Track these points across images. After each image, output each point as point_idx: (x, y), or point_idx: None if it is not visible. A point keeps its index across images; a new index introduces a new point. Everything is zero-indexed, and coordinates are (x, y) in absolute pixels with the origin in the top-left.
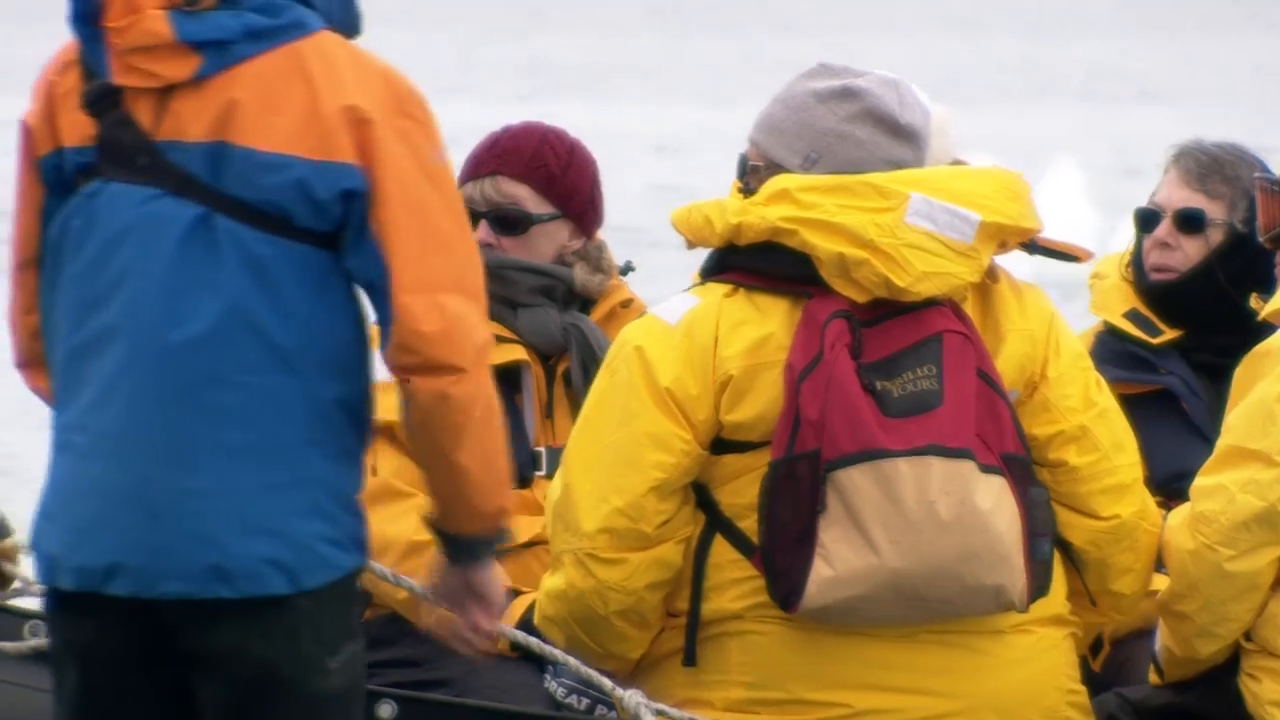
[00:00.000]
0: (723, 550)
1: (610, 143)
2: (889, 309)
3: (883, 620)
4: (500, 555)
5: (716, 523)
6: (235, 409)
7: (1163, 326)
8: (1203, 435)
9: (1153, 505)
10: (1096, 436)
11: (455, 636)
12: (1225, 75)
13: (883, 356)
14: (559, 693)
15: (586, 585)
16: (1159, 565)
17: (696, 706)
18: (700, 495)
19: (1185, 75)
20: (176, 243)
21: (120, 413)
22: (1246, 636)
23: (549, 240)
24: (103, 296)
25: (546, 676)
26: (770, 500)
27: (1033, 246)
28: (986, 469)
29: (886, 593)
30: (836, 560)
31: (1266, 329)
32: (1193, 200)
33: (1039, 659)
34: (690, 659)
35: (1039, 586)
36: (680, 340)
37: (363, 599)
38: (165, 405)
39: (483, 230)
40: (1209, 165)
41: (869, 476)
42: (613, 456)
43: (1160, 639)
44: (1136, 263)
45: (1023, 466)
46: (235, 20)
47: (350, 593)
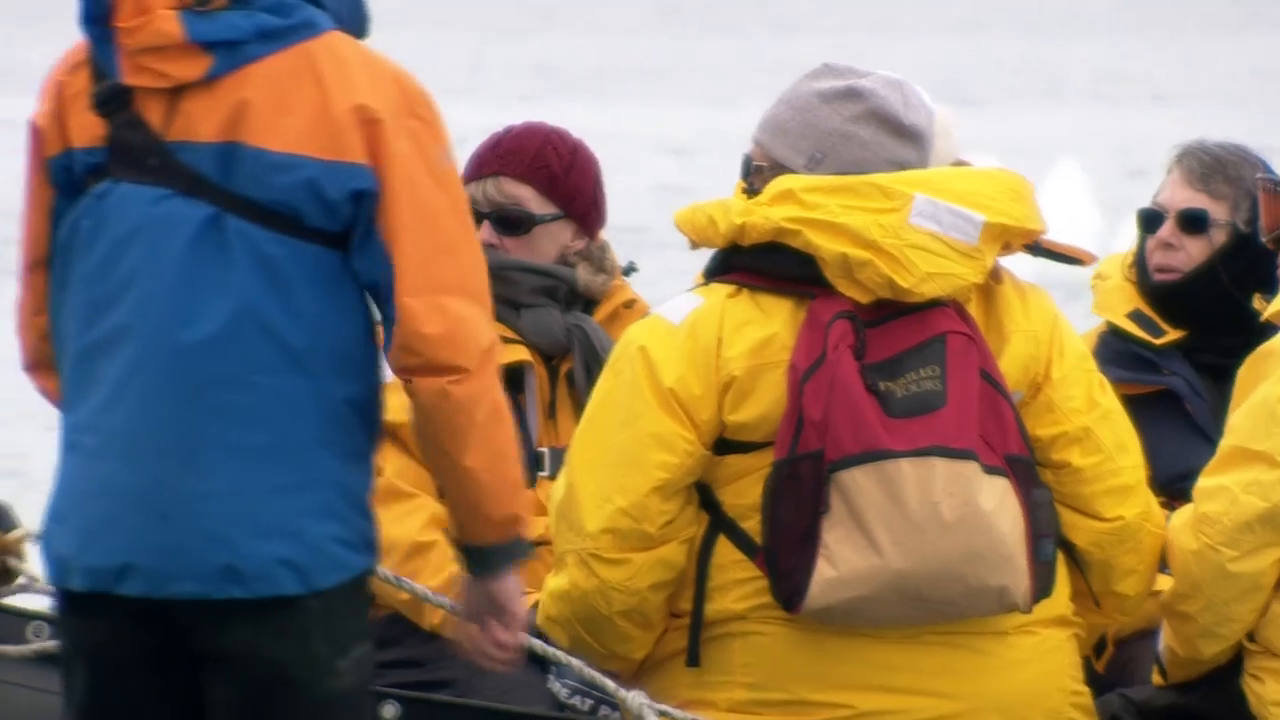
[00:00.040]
0: (726, 551)
1: (616, 144)
2: (893, 309)
3: (886, 621)
4: (520, 566)
5: (720, 523)
6: (246, 409)
7: (1166, 327)
8: (1206, 436)
9: (1156, 506)
10: (1100, 438)
11: (478, 651)
12: (1226, 76)
13: (886, 357)
14: (562, 693)
15: (590, 585)
16: (1162, 566)
17: (700, 707)
18: (704, 496)
19: (1186, 76)
20: (187, 243)
21: (131, 413)
22: (1250, 637)
23: (552, 241)
24: (113, 297)
25: (550, 677)
26: (773, 501)
27: (1037, 248)
28: (990, 470)
29: (889, 593)
30: (839, 561)
31: (1269, 330)
32: (1196, 201)
33: (1042, 660)
34: (693, 660)
35: (1042, 588)
36: (684, 340)
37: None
38: (176, 405)
39: (485, 231)
40: (1212, 166)
41: (872, 477)
42: (616, 457)
43: (1163, 639)
44: (1140, 263)
45: (1026, 467)
46: (246, 20)
47: (361, 594)
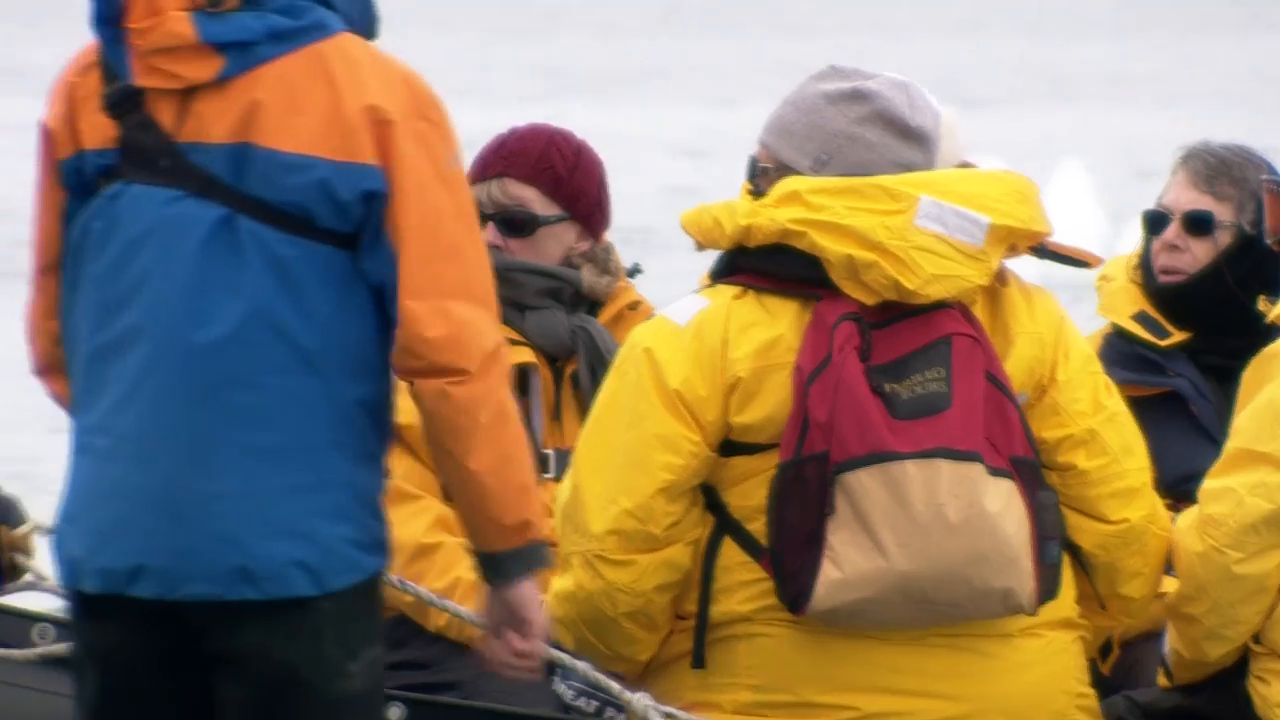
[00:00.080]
0: (731, 552)
1: (622, 145)
2: (898, 311)
3: (891, 623)
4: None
5: (725, 525)
6: (259, 410)
7: (1171, 329)
8: (1211, 437)
9: (1162, 509)
10: (1106, 440)
11: (497, 661)
12: (1230, 77)
13: (891, 359)
14: (567, 695)
15: (595, 587)
16: (1168, 568)
17: (705, 709)
18: (709, 497)
19: (1190, 77)
20: (199, 244)
21: (143, 414)
22: (1255, 639)
23: (556, 242)
24: (125, 298)
25: (555, 679)
26: (779, 502)
27: (1043, 251)
28: (995, 472)
29: (895, 595)
30: (845, 563)
31: (1274, 331)
32: (1201, 202)
33: (1048, 662)
34: (699, 661)
35: (1048, 590)
36: (689, 342)
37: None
38: (188, 406)
39: (490, 232)
40: (1217, 167)
41: (877, 479)
42: (622, 458)
43: (1169, 641)
44: (1144, 265)
45: (1031, 470)
46: (258, 21)
47: (373, 595)
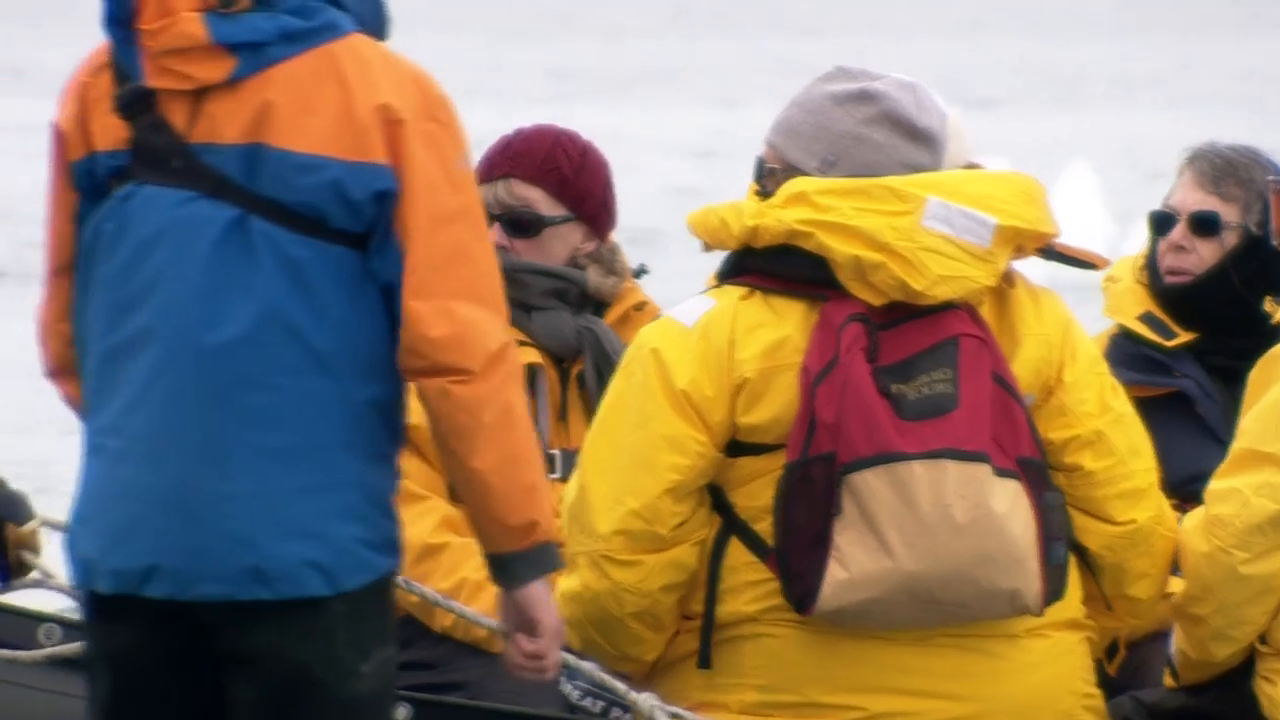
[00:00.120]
0: (738, 553)
1: (632, 145)
2: (905, 312)
3: (897, 623)
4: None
5: (732, 525)
6: (271, 411)
7: (1177, 329)
8: (1217, 438)
9: (1169, 510)
10: (1112, 441)
11: (511, 664)
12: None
13: (899, 360)
14: (574, 695)
15: (602, 587)
16: (1174, 568)
17: (711, 709)
18: (716, 498)
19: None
20: (211, 245)
21: (155, 415)
22: (1261, 639)
23: (562, 243)
24: (136, 299)
25: (561, 679)
26: (785, 503)
27: (1049, 252)
28: (1002, 473)
29: (901, 595)
30: (851, 563)
31: None
32: (1207, 203)
33: (1054, 663)
34: (705, 661)
35: (1054, 590)
36: (696, 342)
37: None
38: (200, 407)
39: (495, 233)
40: (1223, 168)
41: (884, 479)
42: (628, 459)
43: (1175, 642)
44: (1151, 266)
45: (1038, 470)
46: (270, 22)
47: (385, 595)
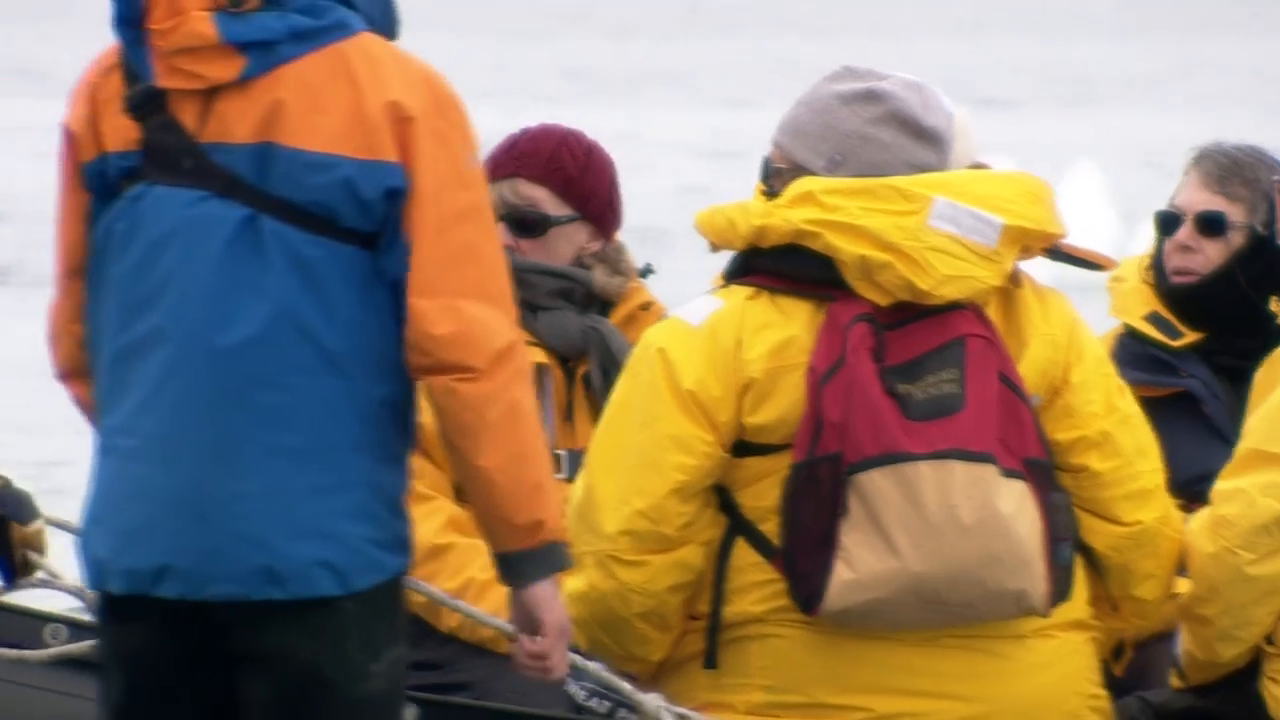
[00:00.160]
0: (744, 553)
1: (641, 146)
2: (912, 312)
3: (904, 624)
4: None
5: (738, 525)
6: (283, 410)
7: (1183, 329)
8: (1224, 438)
9: (1175, 511)
10: (1119, 442)
11: (518, 664)
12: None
13: (905, 360)
14: (580, 695)
15: (608, 587)
16: (1180, 569)
17: (717, 710)
18: (722, 498)
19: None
20: (223, 245)
21: (167, 415)
22: (1268, 640)
23: (567, 242)
24: (148, 299)
25: (568, 679)
26: (792, 503)
27: (1056, 253)
28: (1008, 473)
29: (908, 596)
30: (858, 563)
31: None
32: (1213, 203)
33: (1061, 663)
34: (711, 662)
35: (1060, 591)
36: (703, 342)
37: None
38: (212, 407)
39: (501, 233)
40: (1229, 168)
41: (890, 479)
42: (635, 458)
43: (1181, 642)
44: (1157, 266)
45: (1044, 471)
46: (279, 21)
47: (396, 596)
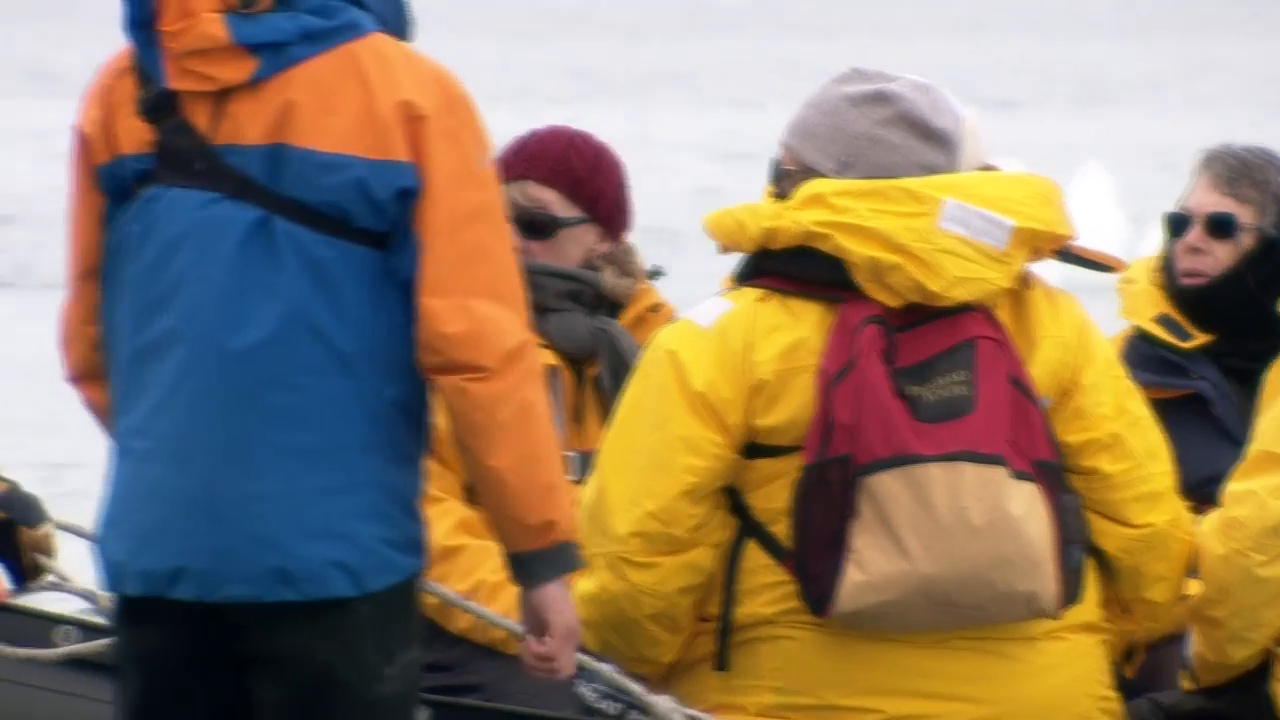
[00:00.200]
0: (755, 555)
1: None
2: (922, 314)
3: (914, 626)
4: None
5: (749, 527)
6: (295, 411)
7: (1193, 331)
8: (1234, 439)
9: (1185, 513)
10: (1129, 444)
11: (525, 664)
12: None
13: (916, 362)
14: (590, 697)
15: (619, 589)
16: (1191, 570)
17: (728, 712)
18: (733, 500)
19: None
20: (236, 246)
21: (181, 416)
22: (1278, 642)
23: (576, 244)
24: (162, 301)
25: (578, 681)
26: (802, 505)
27: (1066, 254)
28: (1018, 475)
29: (918, 598)
30: (868, 565)
31: None
32: (1223, 205)
33: (1071, 665)
34: (722, 664)
35: (1071, 594)
36: (713, 344)
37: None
38: (226, 408)
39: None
40: (1238, 170)
41: (901, 481)
42: (645, 460)
43: (1192, 644)
44: (1167, 267)
45: (1055, 473)
46: (290, 22)
47: (410, 597)
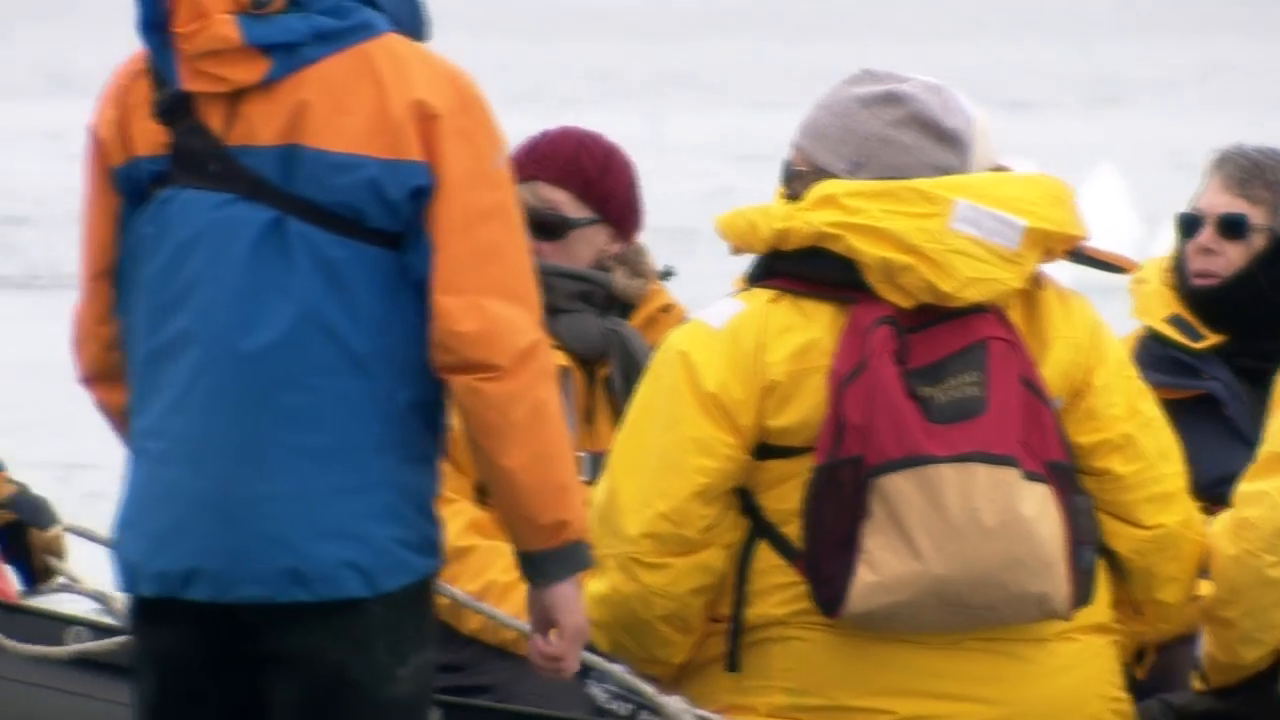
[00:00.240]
0: (766, 556)
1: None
2: (934, 315)
3: (926, 627)
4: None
5: (760, 528)
6: (307, 411)
7: (1205, 331)
8: (1246, 440)
9: (1197, 514)
10: (1141, 445)
11: (533, 661)
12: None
13: (928, 363)
14: (601, 698)
15: (630, 589)
16: (1202, 571)
17: (739, 712)
18: (744, 500)
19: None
20: (249, 247)
21: (195, 417)
22: None
23: (587, 245)
24: (176, 302)
25: (588, 682)
26: (814, 506)
27: (1078, 255)
28: (1030, 476)
29: (930, 599)
30: (880, 566)
31: None
32: (1234, 205)
33: (1083, 667)
34: (733, 665)
35: (1082, 595)
36: (725, 345)
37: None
38: (240, 409)
39: None
40: (1250, 170)
41: (913, 482)
42: (657, 461)
43: (1204, 645)
44: (1178, 268)
45: (1067, 474)
46: (303, 23)
47: (425, 598)
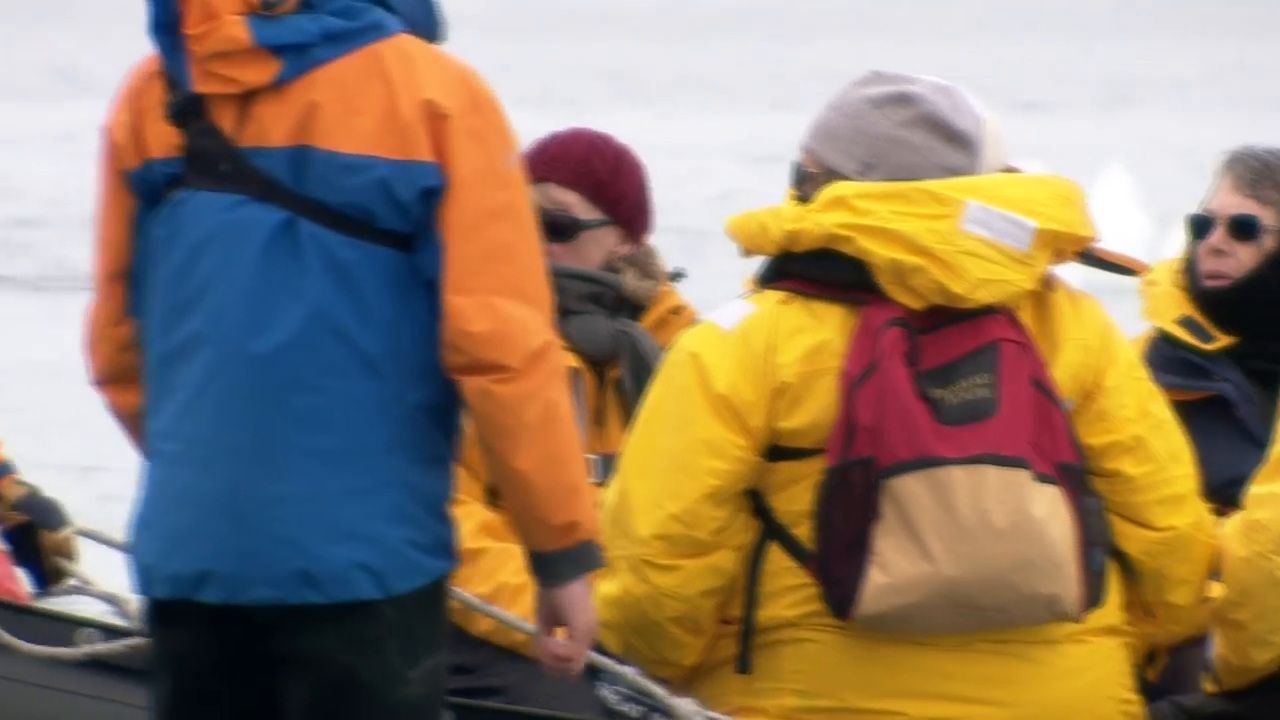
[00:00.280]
0: (777, 557)
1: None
2: (945, 316)
3: (937, 628)
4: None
5: (771, 530)
6: (318, 413)
7: (1216, 333)
8: (1257, 442)
9: (1208, 516)
10: (1152, 447)
11: (541, 660)
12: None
13: (939, 364)
14: (612, 700)
15: (641, 591)
16: (1214, 573)
17: (750, 714)
18: (755, 503)
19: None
20: (260, 249)
21: (208, 419)
22: None
23: (598, 246)
24: (189, 303)
25: (599, 683)
26: (825, 507)
27: (1089, 257)
28: (1041, 478)
29: (941, 600)
30: (891, 567)
31: None
32: (1245, 207)
33: (1094, 668)
34: (744, 667)
35: (1093, 596)
36: (736, 347)
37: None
38: (252, 411)
39: None
40: (1261, 171)
41: (924, 484)
42: (668, 463)
43: (1215, 647)
44: (1189, 269)
45: (1077, 476)
46: (313, 24)
47: (437, 600)
